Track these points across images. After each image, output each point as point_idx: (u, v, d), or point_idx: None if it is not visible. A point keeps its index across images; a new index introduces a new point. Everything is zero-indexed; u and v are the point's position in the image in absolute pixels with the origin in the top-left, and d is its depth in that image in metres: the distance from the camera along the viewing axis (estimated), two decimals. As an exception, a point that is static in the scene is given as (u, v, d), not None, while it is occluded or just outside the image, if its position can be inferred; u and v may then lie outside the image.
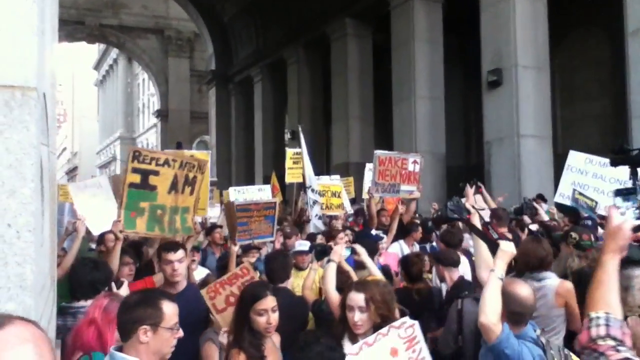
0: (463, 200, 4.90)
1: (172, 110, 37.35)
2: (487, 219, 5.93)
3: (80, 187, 7.82)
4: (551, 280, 4.18)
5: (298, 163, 10.72)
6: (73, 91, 78.83)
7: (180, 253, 4.05)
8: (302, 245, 5.80)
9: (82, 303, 3.64)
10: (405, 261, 5.25)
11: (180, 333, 2.59)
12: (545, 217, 7.87)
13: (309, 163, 8.86)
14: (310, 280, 4.65)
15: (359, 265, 4.79)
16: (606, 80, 14.01)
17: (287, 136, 23.60)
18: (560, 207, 8.78)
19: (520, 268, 4.25)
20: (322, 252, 4.57)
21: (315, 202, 8.50)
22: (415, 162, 7.74)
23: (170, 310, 2.50)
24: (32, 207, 1.70)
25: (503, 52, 12.71)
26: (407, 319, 2.95)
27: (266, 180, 21.07)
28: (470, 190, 5.63)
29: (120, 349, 2.41)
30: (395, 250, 6.88)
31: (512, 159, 12.44)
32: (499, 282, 2.99)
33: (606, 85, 14.02)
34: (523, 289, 3.13)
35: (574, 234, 4.98)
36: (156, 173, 4.71)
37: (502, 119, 12.73)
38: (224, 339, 3.38)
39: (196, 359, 3.88)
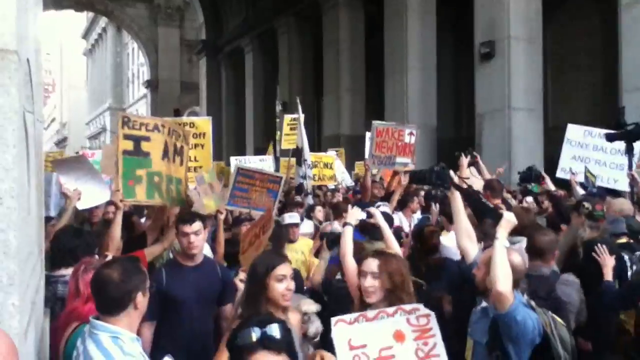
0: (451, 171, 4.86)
1: (162, 81, 36.97)
2: (480, 189, 5.93)
3: (62, 167, 7.68)
4: (521, 244, 4.22)
5: (295, 129, 10.67)
6: (61, 61, 77.71)
7: (196, 225, 3.90)
8: (293, 217, 5.70)
9: (62, 272, 3.61)
10: (419, 234, 4.96)
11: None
12: (552, 187, 7.81)
13: (304, 137, 8.76)
14: (320, 272, 4.42)
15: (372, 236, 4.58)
16: (598, 53, 13.96)
17: (278, 107, 23.48)
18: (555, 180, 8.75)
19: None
20: (333, 242, 4.28)
21: (305, 176, 8.51)
22: (411, 133, 7.73)
23: (144, 269, 2.63)
24: (15, 173, 1.68)
25: (496, 24, 12.60)
26: (421, 306, 2.79)
27: (257, 152, 21.02)
28: (464, 160, 5.49)
29: (97, 319, 2.42)
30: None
31: (503, 132, 12.44)
32: (504, 249, 3.02)
33: (597, 58, 13.97)
34: (515, 257, 3.14)
35: (586, 204, 4.88)
36: (147, 139, 4.56)
37: (494, 92, 12.69)
38: (240, 277, 3.47)
39: (213, 332, 3.95)
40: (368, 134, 10.30)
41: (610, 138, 6.94)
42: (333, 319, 2.68)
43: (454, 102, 18.32)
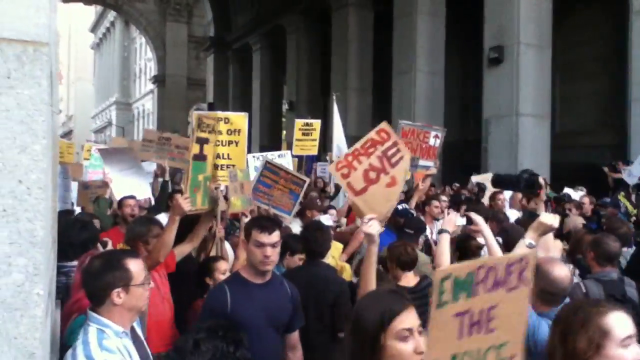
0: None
1: (169, 76, 37.04)
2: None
3: (110, 152, 7.74)
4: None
5: (308, 135, 10.37)
6: (69, 53, 77.86)
7: (276, 235, 3.17)
8: (327, 220, 5.50)
9: (74, 262, 3.66)
10: (464, 247, 4.80)
11: (152, 284, 2.61)
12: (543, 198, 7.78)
13: (341, 134, 8.30)
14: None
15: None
16: (607, 60, 13.94)
17: (285, 106, 23.49)
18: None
19: None
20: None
21: None
22: (436, 136, 7.41)
23: (136, 267, 2.48)
24: (44, 164, 1.70)
25: (506, 29, 12.60)
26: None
27: (263, 150, 21.02)
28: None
29: (92, 309, 2.44)
30: None
31: (510, 137, 12.44)
32: (525, 249, 2.99)
33: (606, 65, 13.95)
34: (558, 269, 2.98)
35: None
36: (207, 141, 4.35)
37: (502, 97, 12.68)
38: (370, 228, 2.81)
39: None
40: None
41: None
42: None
43: (461, 105, 18.31)
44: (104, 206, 6.55)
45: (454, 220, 3.67)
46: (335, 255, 5.30)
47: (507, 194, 8.07)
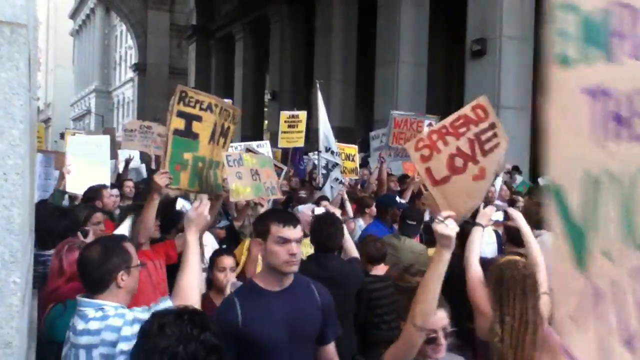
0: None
1: (150, 65, 36.61)
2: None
3: (80, 142, 7.59)
4: (544, 236, 4.24)
5: (294, 127, 10.23)
6: (47, 40, 76.46)
7: (300, 230, 2.68)
8: (308, 208, 5.24)
9: (52, 251, 3.61)
10: (461, 232, 4.91)
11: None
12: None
13: (326, 123, 7.95)
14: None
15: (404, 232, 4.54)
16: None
17: (267, 96, 23.36)
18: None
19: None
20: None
21: (335, 164, 7.68)
22: (430, 124, 7.22)
23: (132, 249, 2.59)
24: (21, 149, 1.66)
25: (488, 22, 12.64)
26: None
27: (244, 140, 20.92)
28: None
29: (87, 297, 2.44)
30: None
31: (492, 130, 12.51)
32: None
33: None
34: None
35: None
36: (199, 119, 4.09)
37: (484, 89, 12.64)
38: (446, 229, 2.20)
39: None
40: (372, 133, 9.86)
41: None
42: None
43: (444, 97, 18.38)
44: (59, 197, 6.37)
45: (490, 214, 3.49)
46: None
47: (497, 186, 8.08)
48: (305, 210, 4.94)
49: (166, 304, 2.35)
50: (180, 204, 5.34)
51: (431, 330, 2.30)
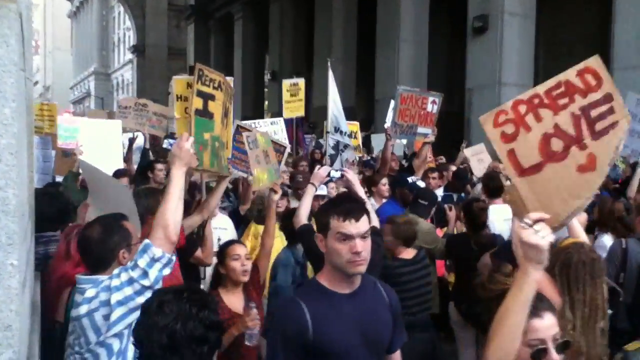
0: None
1: (148, 46, 36.35)
2: None
3: (91, 125, 7.54)
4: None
5: (295, 95, 10.09)
6: (45, 22, 75.92)
7: (365, 222, 2.27)
8: (321, 189, 5.00)
9: (50, 232, 3.60)
10: (468, 210, 4.80)
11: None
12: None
13: (338, 102, 7.62)
14: None
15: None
16: (590, 29, 13.90)
17: (267, 77, 23.22)
18: None
19: None
20: None
21: (346, 145, 7.44)
22: (434, 102, 7.02)
23: (131, 227, 2.61)
24: (14, 128, 1.61)
25: (490, -2, 12.50)
26: None
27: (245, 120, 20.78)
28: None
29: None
30: None
31: (492, 107, 12.27)
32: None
33: (590, 35, 13.91)
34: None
35: None
36: (213, 98, 3.96)
37: (485, 67, 12.64)
38: (537, 237, 1.70)
39: None
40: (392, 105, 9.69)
41: None
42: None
43: (446, 76, 18.22)
44: (72, 179, 6.29)
45: None
46: None
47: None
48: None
49: (144, 242, 2.38)
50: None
51: (537, 340, 1.81)
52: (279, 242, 4.53)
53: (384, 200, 5.96)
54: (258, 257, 3.86)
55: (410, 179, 5.85)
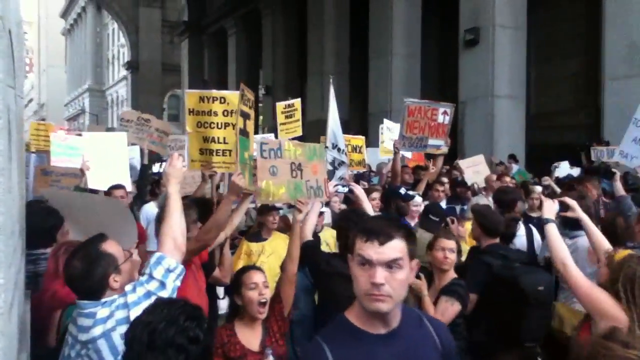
0: None
1: (142, 62, 36.43)
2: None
3: (97, 139, 7.48)
4: (580, 238, 4.16)
5: (291, 116, 9.98)
6: (39, 40, 76.03)
7: (395, 247, 1.80)
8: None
9: (41, 250, 3.52)
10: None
11: (136, 256, 2.55)
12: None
13: (336, 119, 7.75)
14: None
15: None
16: (581, 40, 14.00)
17: (261, 92, 23.25)
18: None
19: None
20: None
21: (341, 162, 7.10)
22: (445, 112, 6.83)
23: (112, 247, 2.44)
24: (0, 145, 1.60)
25: (481, 11, 12.59)
26: None
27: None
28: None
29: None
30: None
31: (485, 119, 12.48)
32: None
33: (581, 45, 14.01)
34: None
35: None
36: (249, 117, 4.02)
37: (478, 79, 12.70)
38: None
39: None
40: (384, 124, 9.69)
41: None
42: None
43: (439, 88, 18.31)
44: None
45: (555, 207, 3.32)
46: (329, 242, 4.83)
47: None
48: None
49: (157, 255, 2.41)
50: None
51: None
52: (282, 242, 4.47)
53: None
54: (280, 285, 3.30)
55: (402, 190, 5.77)
